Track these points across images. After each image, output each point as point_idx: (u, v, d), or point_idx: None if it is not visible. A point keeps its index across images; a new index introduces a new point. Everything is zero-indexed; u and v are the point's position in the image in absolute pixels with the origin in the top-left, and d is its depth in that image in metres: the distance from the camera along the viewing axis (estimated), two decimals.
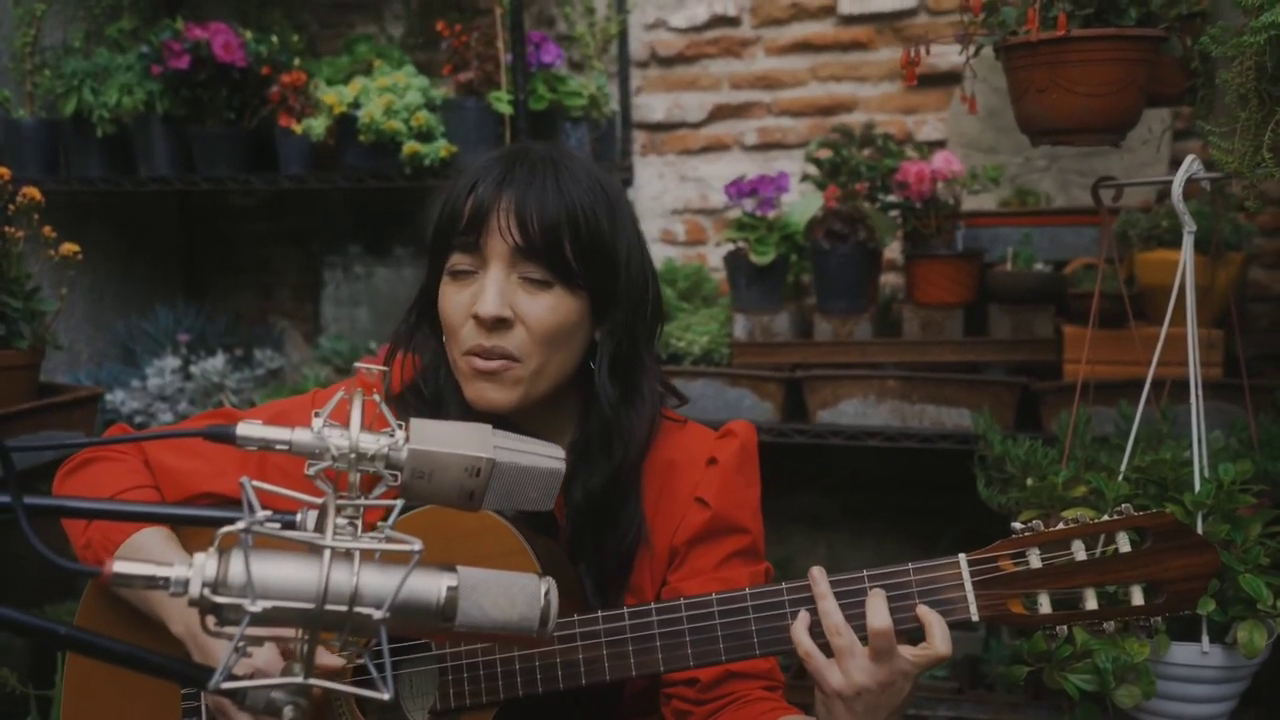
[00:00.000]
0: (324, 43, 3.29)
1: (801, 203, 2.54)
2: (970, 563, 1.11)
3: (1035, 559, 1.10)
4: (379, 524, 0.92)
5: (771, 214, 2.42)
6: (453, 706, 1.19)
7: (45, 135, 2.81)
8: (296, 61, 2.66)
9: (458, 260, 1.25)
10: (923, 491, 2.94)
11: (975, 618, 1.08)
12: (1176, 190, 1.44)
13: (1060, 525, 1.10)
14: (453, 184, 1.29)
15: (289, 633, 0.88)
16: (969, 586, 1.10)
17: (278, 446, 0.96)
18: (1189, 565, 1.08)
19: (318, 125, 2.49)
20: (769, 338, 2.44)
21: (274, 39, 2.65)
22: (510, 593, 0.93)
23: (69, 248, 2.05)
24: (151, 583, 0.84)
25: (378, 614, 0.85)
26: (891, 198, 2.45)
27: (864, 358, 2.38)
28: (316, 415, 0.96)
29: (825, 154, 2.53)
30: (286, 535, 0.84)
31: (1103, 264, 1.72)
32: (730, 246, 2.51)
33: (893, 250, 2.79)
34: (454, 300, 1.25)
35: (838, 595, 1.11)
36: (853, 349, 2.38)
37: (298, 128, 2.52)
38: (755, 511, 1.35)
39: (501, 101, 2.36)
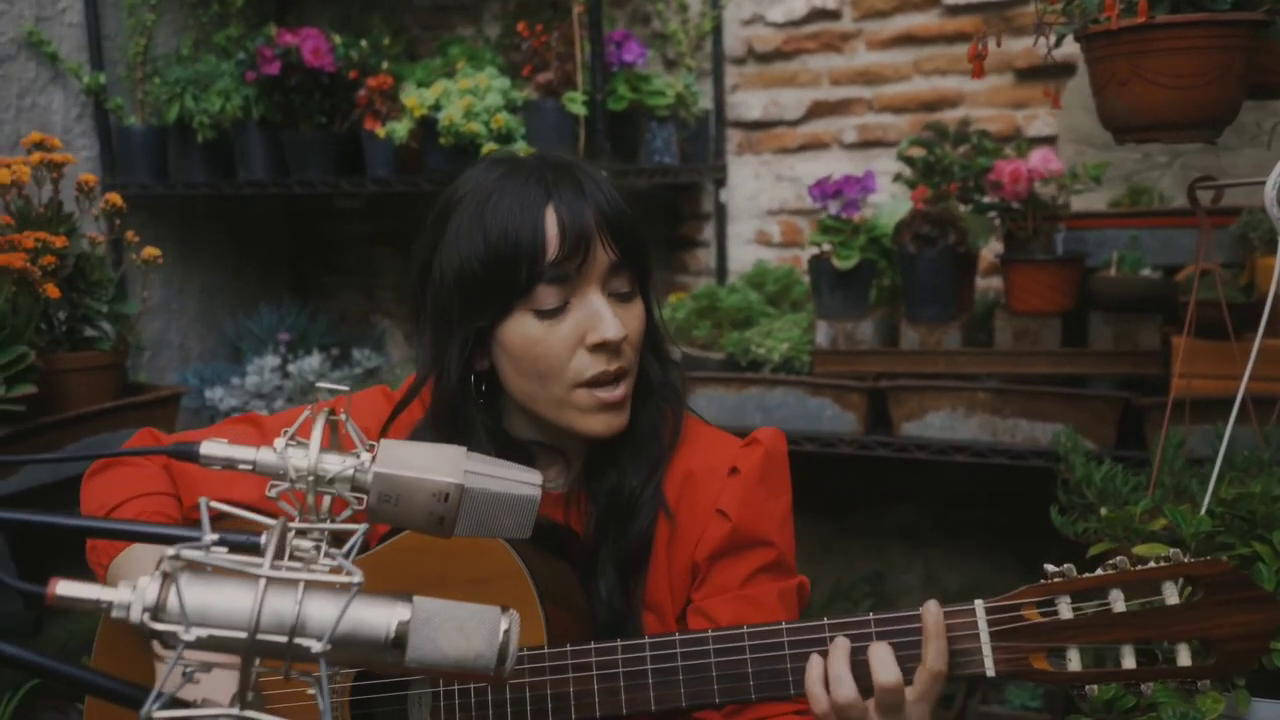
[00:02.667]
0: (423, 45, 3.32)
1: (892, 204, 2.42)
2: (989, 610, 1.00)
3: (1065, 608, 0.99)
4: (341, 550, 0.89)
5: (856, 216, 2.31)
6: None
7: (154, 142, 2.90)
8: (385, 65, 2.67)
9: (545, 296, 1.15)
10: (1024, 508, 2.77)
11: (991, 673, 0.98)
12: (1270, 193, 1.29)
13: (1099, 571, 0.99)
14: (480, 215, 1.16)
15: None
16: (985, 637, 0.99)
17: (241, 466, 0.94)
18: (1247, 622, 0.96)
19: (400, 128, 2.50)
20: (852, 346, 2.33)
21: (363, 43, 2.68)
22: (467, 628, 0.88)
23: (150, 252, 2.10)
24: (95, 605, 0.82)
25: (317, 646, 0.81)
26: (990, 198, 2.31)
27: (952, 368, 2.25)
28: (285, 433, 0.94)
29: (918, 152, 2.40)
30: (220, 562, 0.81)
31: (1199, 270, 1.57)
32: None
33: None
34: (551, 339, 1.16)
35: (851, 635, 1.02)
36: (940, 359, 2.25)
37: (381, 131, 2.53)
38: (782, 523, 1.26)
39: (575, 102, 2.32)
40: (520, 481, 0.95)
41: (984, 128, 2.78)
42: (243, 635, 0.80)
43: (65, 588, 0.82)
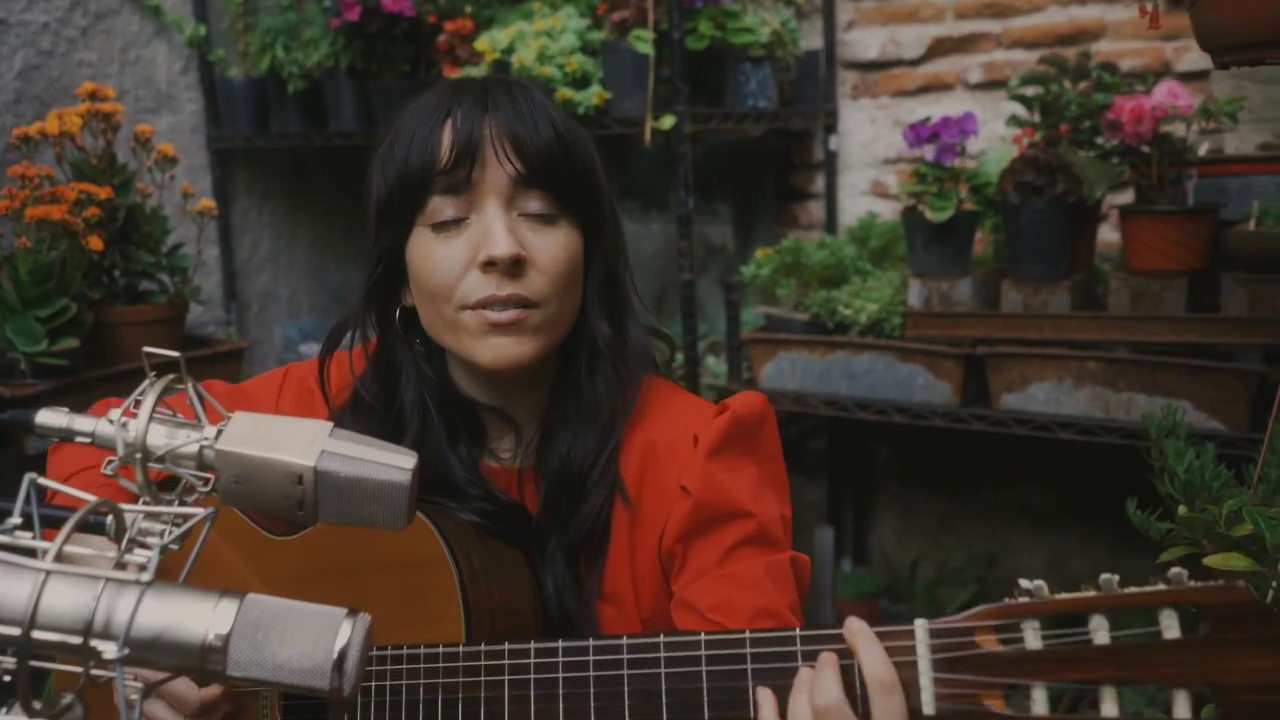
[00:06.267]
0: None
1: (1001, 150, 2.16)
2: (933, 632, 0.81)
3: (1033, 636, 0.79)
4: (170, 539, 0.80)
5: (956, 162, 2.07)
6: None
7: (253, 93, 2.90)
8: (468, 8, 2.57)
9: (439, 208, 1.07)
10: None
11: (930, 710, 0.79)
12: None
13: (1080, 591, 0.79)
14: (397, 132, 1.10)
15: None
16: (925, 665, 0.80)
17: (79, 438, 0.85)
18: (1265, 669, 0.74)
19: (476, 74, 2.40)
20: (948, 307, 2.10)
21: None
22: (302, 633, 0.77)
23: (205, 204, 2.08)
24: None
25: (111, 651, 0.72)
26: (1113, 141, 2.02)
27: (1060, 334, 1.99)
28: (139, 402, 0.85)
29: (1033, 90, 2.13)
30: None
31: None
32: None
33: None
34: (442, 255, 1.07)
35: (763, 655, 0.85)
36: (1046, 323, 2.00)
37: (456, 77, 2.43)
38: (757, 491, 1.10)
39: (643, 41, 2.15)
40: (388, 465, 0.83)
41: (1126, 62, 2.47)
42: (15, 632, 0.72)
43: None
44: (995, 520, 2.81)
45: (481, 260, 1.05)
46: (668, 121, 2.20)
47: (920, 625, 0.81)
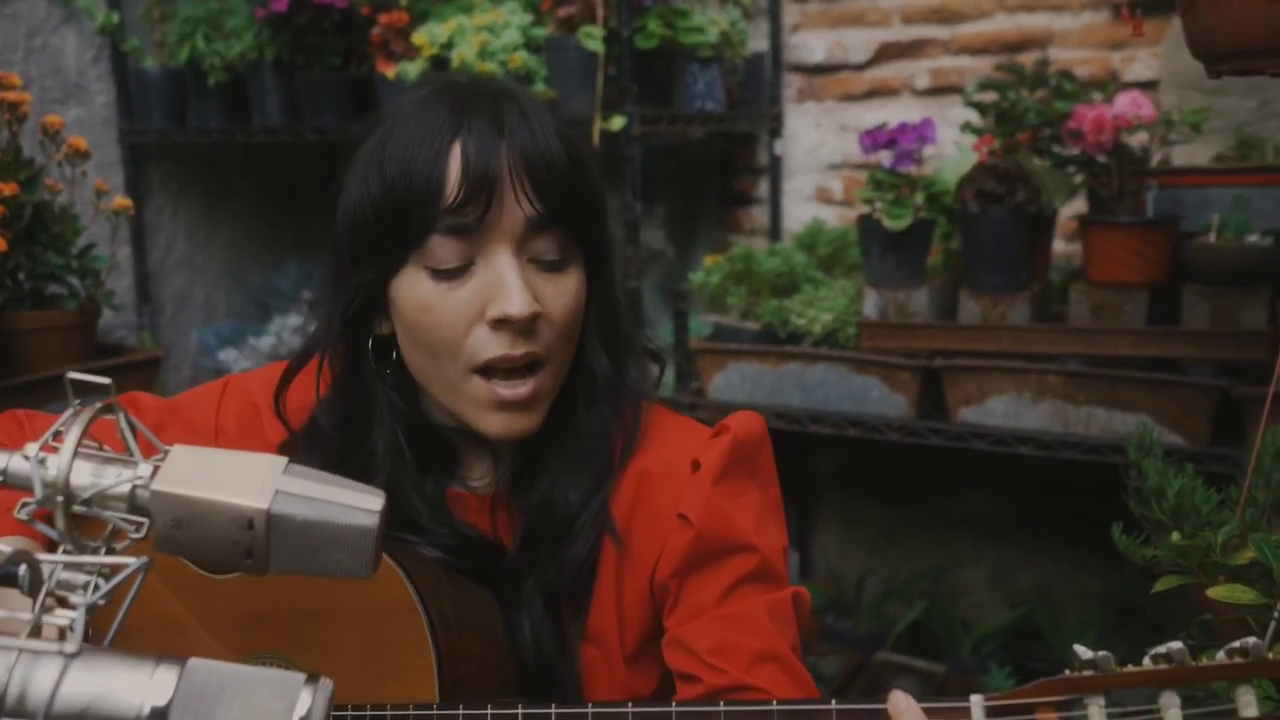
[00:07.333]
0: None
1: (958, 157, 2.12)
2: (990, 710, 0.74)
3: (1099, 714, 0.71)
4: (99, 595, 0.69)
5: (912, 169, 2.02)
6: None
7: (170, 85, 2.74)
8: (403, 1, 2.45)
9: (440, 251, 0.93)
10: (1115, 503, 2.46)
11: None
12: None
13: (1146, 664, 0.71)
14: (387, 139, 0.95)
15: None
16: None
17: None
18: None
19: (412, 69, 2.28)
20: (904, 318, 2.04)
21: None
22: (254, 703, 0.66)
23: (121, 202, 1.93)
24: None
25: None
26: (1073, 150, 1.99)
27: (1018, 346, 1.95)
28: (59, 434, 0.74)
29: (989, 97, 2.09)
30: None
31: None
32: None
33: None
34: (445, 308, 0.94)
35: None
36: (1005, 335, 1.95)
37: (391, 73, 2.31)
38: (760, 522, 1.01)
39: (593, 38, 2.06)
40: (353, 507, 0.73)
41: (1073, 70, 2.45)
42: None
43: None
44: (940, 531, 2.77)
45: (493, 317, 0.94)
46: (618, 122, 2.11)
47: (976, 702, 0.74)
